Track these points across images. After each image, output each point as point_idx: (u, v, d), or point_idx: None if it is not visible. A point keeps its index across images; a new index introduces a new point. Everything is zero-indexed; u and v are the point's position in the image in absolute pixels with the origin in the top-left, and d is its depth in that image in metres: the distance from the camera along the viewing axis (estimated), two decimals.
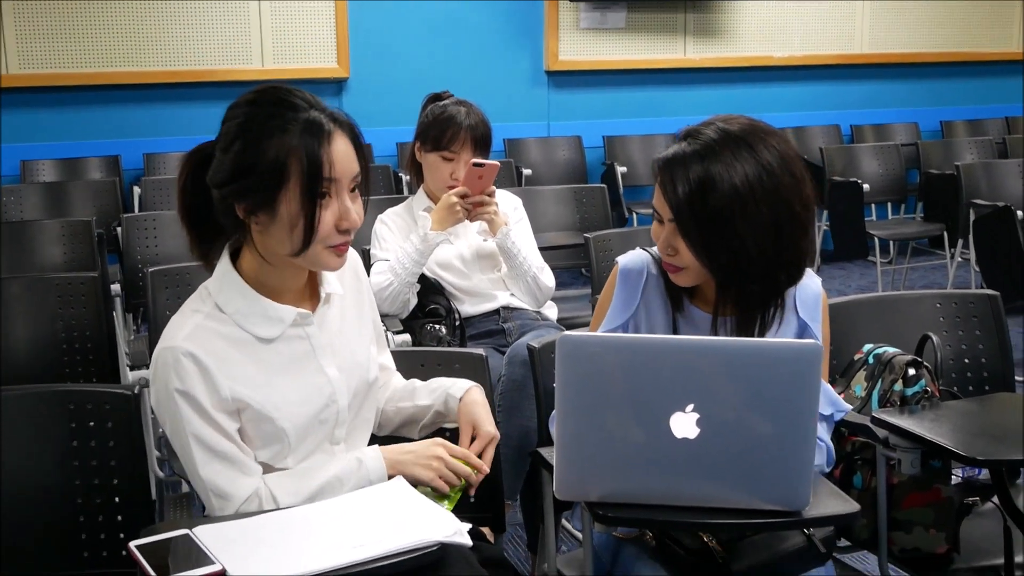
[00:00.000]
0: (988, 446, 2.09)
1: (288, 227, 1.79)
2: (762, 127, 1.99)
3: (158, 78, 6.36)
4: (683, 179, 1.94)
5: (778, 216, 1.91)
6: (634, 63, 7.44)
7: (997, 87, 8.49)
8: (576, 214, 4.54)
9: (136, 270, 4.02)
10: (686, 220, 1.94)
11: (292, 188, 1.76)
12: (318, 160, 1.77)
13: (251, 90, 1.85)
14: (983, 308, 2.60)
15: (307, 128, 1.78)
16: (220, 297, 1.86)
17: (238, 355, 1.83)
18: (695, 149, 1.95)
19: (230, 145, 1.79)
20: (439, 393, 2.09)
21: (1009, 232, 4.92)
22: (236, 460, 1.81)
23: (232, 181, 1.79)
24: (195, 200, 1.87)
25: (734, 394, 1.66)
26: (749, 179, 1.91)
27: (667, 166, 1.97)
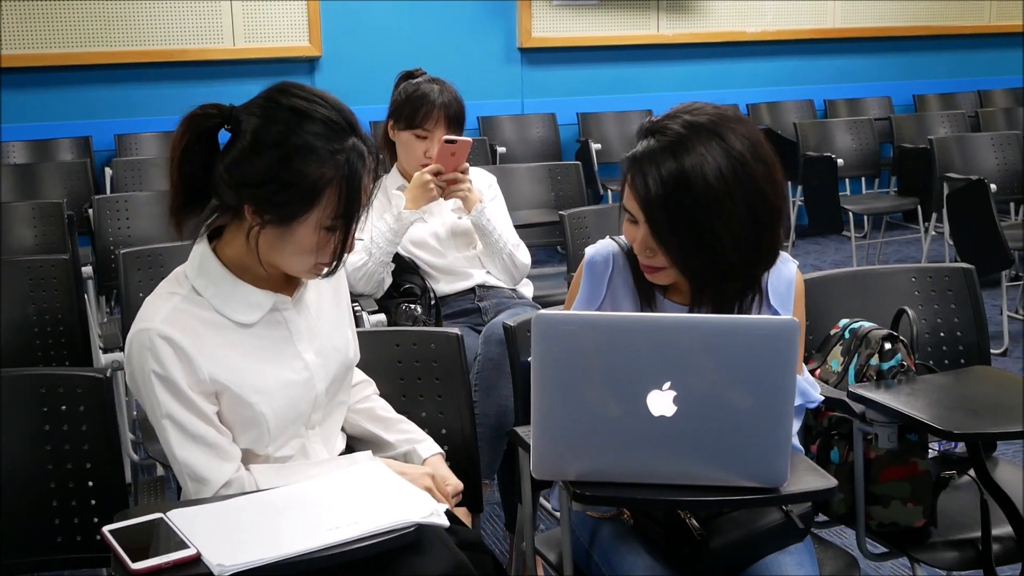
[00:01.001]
0: (964, 419, 2.09)
1: (303, 246, 1.79)
2: (729, 115, 1.94)
3: (129, 58, 6.29)
4: (655, 178, 1.88)
5: (755, 208, 1.88)
6: (608, 39, 7.42)
7: (969, 60, 8.52)
8: (551, 191, 4.53)
9: (108, 252, 3.98)
10: (660, 222, 1.90)
11: (323, 214, 1.76)
12: (357, 194, 1.78)
13: (277, 88, 1.82)
14: (958, 281, 2.61)
15: (352, 160, 1.77)
16: (198, 281, 1.84)
17: (216, 339, 1.82)
18: (664, 144, 1.89)
19: (263, 149, 1.75)
20: (405, 444, 2.09)
21: (982, 205, 4.94)
22: (214, 444, 1.80)
23: (256, 186, 1.76)
24: (190, 168, 1.82)
25: (711, 371, 1.66)
26: (723, 172, 1.86)
27: (636, 164, 1.91)
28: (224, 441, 1.82)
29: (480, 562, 1.85)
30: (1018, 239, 5.21)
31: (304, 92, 1.80)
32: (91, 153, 6.12)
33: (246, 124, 1.78)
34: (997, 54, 8.57)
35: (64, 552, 2.05)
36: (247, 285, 1.85)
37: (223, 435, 1.82)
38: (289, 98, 1.79)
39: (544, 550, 2.20)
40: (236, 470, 1.82)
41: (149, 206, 4.09)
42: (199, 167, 1.81)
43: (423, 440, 2.09)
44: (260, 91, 1.84)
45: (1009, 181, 5.80)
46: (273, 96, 1.80)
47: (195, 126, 1.81)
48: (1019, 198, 6.04)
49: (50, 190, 5.21)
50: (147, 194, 4.30)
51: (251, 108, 1.80)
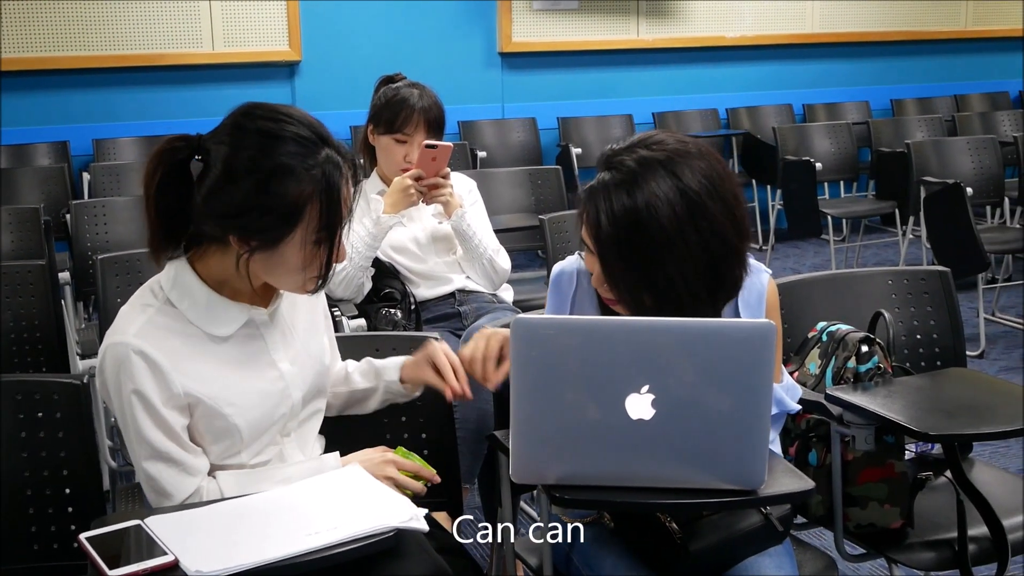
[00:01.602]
0: (940, 421, 2.11)
1: (294, 265, 1.78)
2: (689, 150, 1.88)
3: (107, 62, 6.28)
4: (607, 213, 1.85)
5: (711, 248, 1.85)
6: (588, 44, 7.44)
7: (946, 65, 8.58)
8: (531, 196, 4.53)
9: (86, 257, 3.96)
10: (612, 258, 1.88)
11: (307, 232, 1.75)
12: (337, 207, 1.76)
13: (241, 111, 1.79)
14: (934, 284, 2.62)
15: (328, 173, 1.75)
16: (173, 293, 1.83)
17: (190, 351, 1.81)
18: (618, 180, 1.85)
19: (237, 177, 1.73)
20: (372, 380, 2.10)
21: (959, 209, 4.97)
22: (180, 460, 1.80)
23: (237, 216, 1.74)
24: (166, 203, 1.80)
25: (688, 374, 1.66)
26: (677, 212, 1.81)
27: (591, 198, 1.89)
28: (189, 458, 1.81)
29: (459, 566, 1.85)
30: (994, 242, 5.25)
31: (270, 112, 1.78)
32: (69, 158, 6.09)
33: (216, 153, 1.75)
34: (973, 59, 8.64)
35: (41, 560, 2.03)
36: (223, 299, 1.84)
37: (190, 452, 1.82)
38: (255, 121, 1.76)
39: (524, 554, 2.19)
40: (199, 483, 1.82)
41: (127, 211, 4.08)
42: (175, 200, 1.80)
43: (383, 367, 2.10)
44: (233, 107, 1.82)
45: (985, 185, 5.85)
46: (239, 121, 1.78)
47: (165, 160, 1.79)
48: (995, 201, 6.09)
49: (27, 195, 5.18)
50: (125, 199, 4.28)
51: (218, 136, 1.78)
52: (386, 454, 1.94)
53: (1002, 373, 4.81)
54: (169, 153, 1.79)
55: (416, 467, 1.93)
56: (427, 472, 1.94)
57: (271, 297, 1.92)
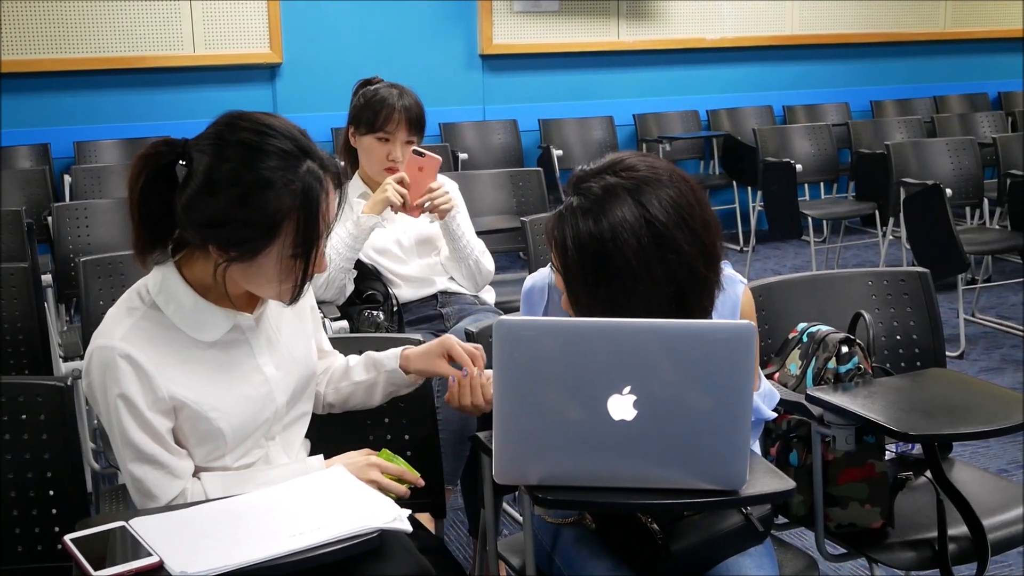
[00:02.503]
0: (920, 421, 2.12)
1: (269, 277, 1.78)
2: (658, 176, 1.83)
3: (88, 64, 6.26)
4: (574, 240, 1.82)
5: (679, 280, 1.82)
6: (568, 46, 7.45)
7: (925, 67, 8.63)
8: (513, 198, 4.54)
9: (68, 260, 3.95)
10: (577, 285, 1.85)
11: (282, 245, 1.75)
12: (315, 222, 1.76)
13: (225, 120, 1.79)
14: (914, 285, 2.64)
15: (307, 187, 1.74)
16: (159, 297, 1.83)
17: (175, 355, 1.81)
18: (585, 207, 1.83)
19: (218, 189, 1.73)
20: (372, 371, 2.11)
21: (938, 210, 5.00)
22: (165, 463, 1.81)
23: (216, 226, 1.74)
24: (149, 208, 1.81)
25: (670, 375, 1.67)
26: (641, 244, 1.78)
27: (558, 222, 1.87)
28: (174, 460, 1.82)
29: (443, 567, 1.85)
30: (974, 243, 5.28)
31: (254, 123, 1.78)
32: (50, 160, 6.07)
33: (198, 163, 1.75)
34: (952, 61, 8.69)
35: (25, 562, 2.02)
36: (209, 304, 1.84)
37: (175, 454, 1.82)
38: (238, 133, 1.76)
39: (507, 555, 2.20)
40: (184, 484, 1.83)
41: (109, 214, 4.06)
42: (158, 204, 1.80)
43: (383, 359, 2.11)
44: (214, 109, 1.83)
45: (964, 186, 5.90)
46: (222, 132, 1.77)
47: (149, 165, 1.79)
48: (974, 203, 6.13)
49: (8, 198, 5.15)
50: (107, 202, 4.26)
51: (202, 144, 1.77)
52: (370, 457, 1.95)
53: (982, 374, 4.84)
54: (154, 157, 1.79)
55: (400, 470, 1.94)
56: (411, 475, 1.95)
57: (257, 302, 1.92)
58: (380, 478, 1.90)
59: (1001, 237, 5.59)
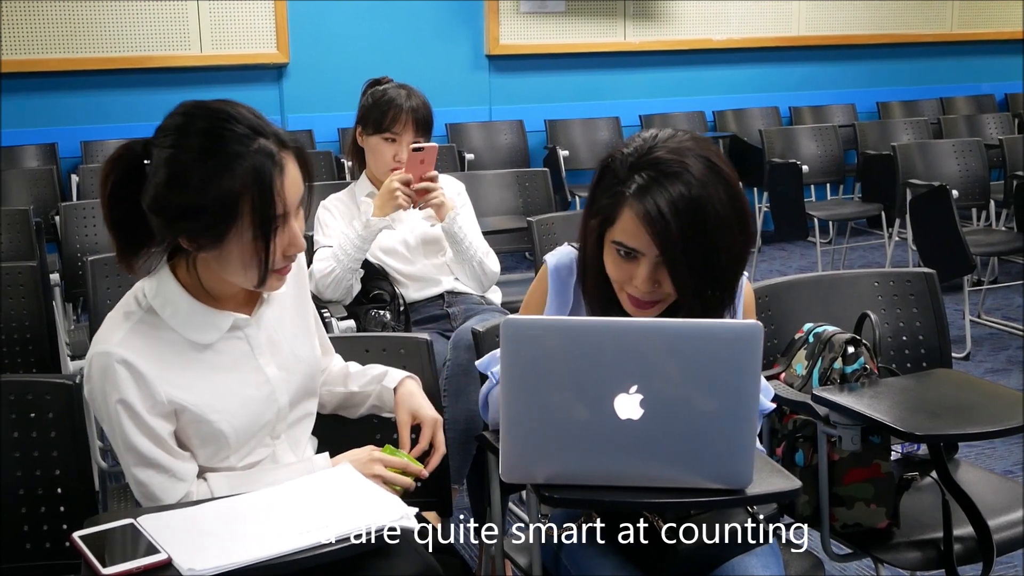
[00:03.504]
0: (926, 422, 2.12)
1: (238, 263, 1.76)
2: (699, 137, 1.94)
3: (95, 64, 6.27)
4: (670, 209, 1.82)
5: (747, 236, 1.90)
6: (575, 47, 7.45)
7: (931, 68, 8.62)
8: (519, 198, 4.54)
9: (75, 259, 3.97)
10: (678, 255, 1.85)
11: (242, 227, 1.72)
12: (270, 199, 1.72)
13: (182, 111, 1.77)
14: (920, 286, 2.64)
15: (257, 165, 1.71)
16: (156, 301, 1.83)
17: (174, 358, 1.81)
18: (667, 174, 1.85)
19: (173, 179, 1.72)
20: (373, 384, 2.10)
21: (945, 211, 4.99)
22: (168, 467, 1.81)
23: (178, 217, 1.73)
24: (122, 210, 1.80)
25: (676, 374, 1.67)
26: (723, 197, 1.85)
27: (644, 197, 1.85)
28: (177, 463, 1.82)
29: (449, 565, 1.86)
30: (980, 244, 5.28)
31: (205, 110, 1.76)
32: (57, 160, 6.08)
33: (156, 157, 1.74)
34: (959, 62, 8.68)
35: (34, 559, 2.03)
36: (205, 307, 1.84)
37: (178, 457, 1.82)
38: (192, 121, 1.75)
39: (513, 554, 2.20)
40: (189, 487, 1.83)
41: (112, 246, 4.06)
42: (131, 207, 1.78)
43: (387, 374, 2.10)
44: None
45: (970, 187, 5.89)
46: (177, 122, 1.76)
47: (117, 167, 1.79)
48: (980, 204, 6.12)
49: (16, 197, 5.17)
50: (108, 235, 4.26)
51: (158, 139, 1.76)
52: (372, 452, 1.95)
53: (988, 375, 4.83)
54: (120, 160, 1.79)
55: (403, 463, 1.94)
56: (414, 467, 1.95)
57: (255, 302, 1.92)
58: (384, 472, 1.91)
59: (1007, 238, 5.58)
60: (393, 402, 2.07)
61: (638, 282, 1.91)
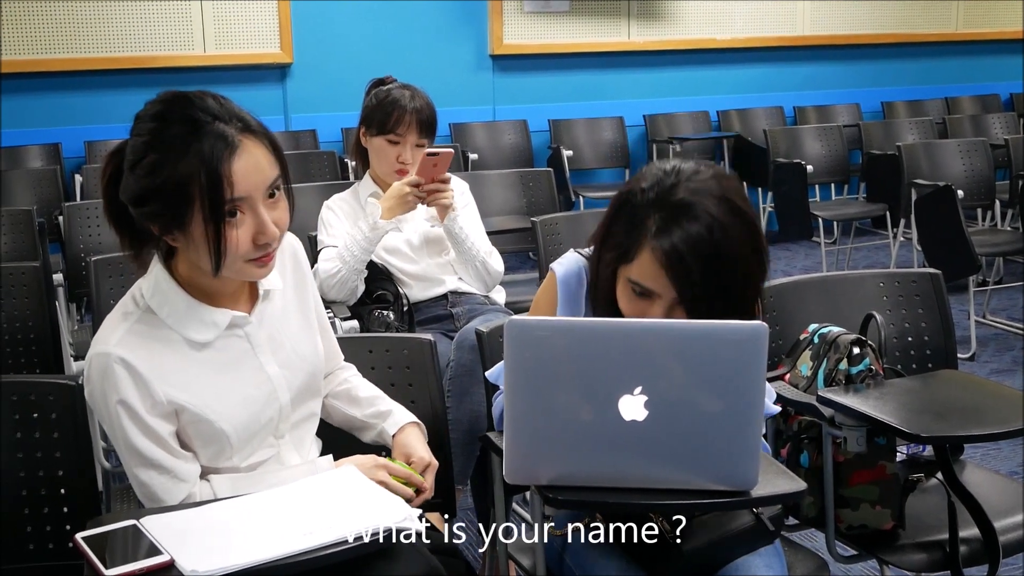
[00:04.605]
0: (932, 423, 2.11)
1: (203, 248, 1.74)
2: (729, 180, 1.92)
3: (99, 64, 6.27)
4: (692, 255, 1.83)
5: (764, 272, 1.92)
6: (578, 47, 7.45)
7: (937, 68, 8.61)
8: (523, 198, 4.54)
9: (79, 259, 3.97)
10: (698, 297, 1.86)
11: (199, 212, 1.70)
12: (218, 182, 1.69)
13: (157, 99, 1.77)
14: (925, 287, 2.64)
15: (207, 148, 1.69)
16: (153, 300, 1.82)
17: (172, 358, 1.80)
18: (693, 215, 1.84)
19: (134, 165, 1.72)
20: (376, 420, 2.09)
21: (950, 211, 4.99)
22: (170, 468, 1.80)
23: (139, 204, 1.73)
24: (118, 205, 1.80)
25: (681, 376, 1.66)
26: (743, 242, 1.86)
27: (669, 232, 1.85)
28: (179, 464, 1.81)
29: (453, 567, 1.85)
30: (985, 244, 5.27)
31: (166, 96, 1.76)
32: (61, 160, 6.09)
33: (128, 148, 1.75)
34: (964, 61, 8.67)
35: (36, 560, 2.02)
36: (202, 305, 1.83)
37: (179, 458, 1.82)
38: (153, 106, 1.75)
39: (517, 555, 2.20)
40: (191, 488, 1.83)
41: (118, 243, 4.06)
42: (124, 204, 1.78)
43: (390, 414, 2.08)
44: None
45: (976, 187, 5.88)
46: (145, 111, 1.76)
47: (114, 160, 1.79)
48: (986, 204, 6.11)
49: (20, 197, 5.17)
50: None
51: (133, 130, 1.76)
52: (378, 459, 1.94)
53: (993, 375, 4.82)
54: (117, 155, 1.79)
55: (408, 474, 1.94)
56: (418, 479, 1.94)
57: (255, 300, 1.91)
58: (388, 479, 1.90)
59: (1013, 239, 5.57)
60: (390, 442, 2.06)
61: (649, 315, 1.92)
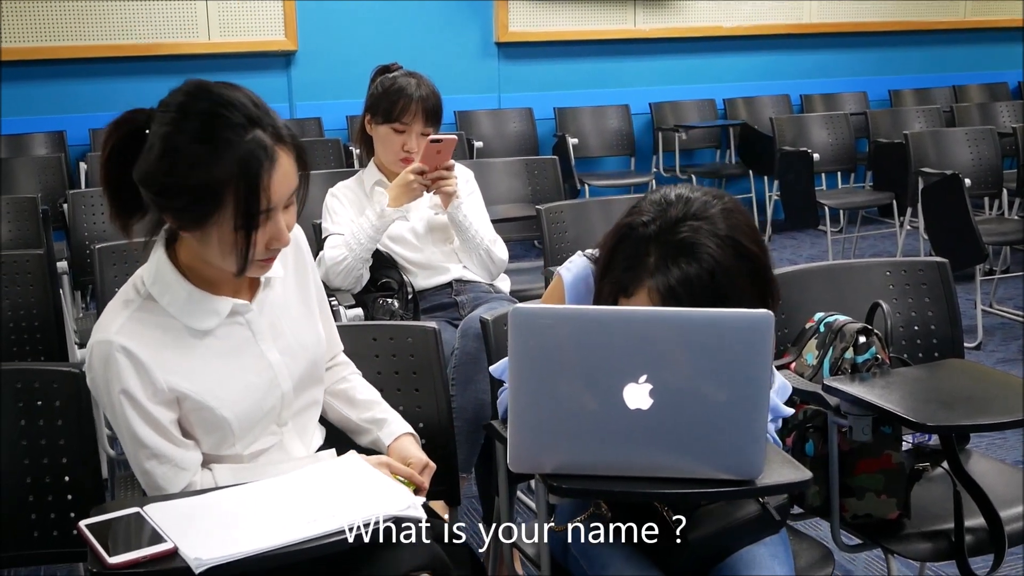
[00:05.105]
0: (938, 412, 2.11)
1: (217, 248, 1.75)
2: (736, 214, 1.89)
3: (103, 52, 6.26)
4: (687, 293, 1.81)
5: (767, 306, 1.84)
6: (584, 34, 7.42)
7: (944, 56, 8.57)
8: (528, 186, 4.53)
9: (83, 247, 3.97)
10: None
11: (224, 216, 1.70)
12: (256, 192, 1.70)
13: (185, 89, 1.75)
14: (932, 275, 2.63)
15: (247, 156, 1.69)
16: (154, 288, 1.82)
17: (173, 345, 1.80)
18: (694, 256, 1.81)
19: (160, 157, 1.70)
20: (372, 427, 2.07)
21: (957, 200, 4.97)
22: (170, 457, 1.80)
23: (163, 195, 1.73)
24: (120, 174, 1.78)
25: (686, 364, 1.66)
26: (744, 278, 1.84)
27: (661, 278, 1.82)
28: (180, 452, 1.81)
29: (457, 555, 1.85)
30: (992, 233, 5.25)
31: (208, 94, 1.74)
32: (65, 148, 6.08)
33: (154, 132, 1.73)
34: (972, 49, 8.63)
35: (40, 547, 2.03)
36: (204, 292, 1.83)
37: (180, 446, 1.82)
38: (195, 102, 1.73)
39: (522, 543, 2.20)
40: (192, 476, 1.83)
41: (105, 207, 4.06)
42: (127, 173, 1.77)
43: (386, 423, 2.06)
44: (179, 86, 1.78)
45: (983, 176, 5.84)
46: (180, 102, 1.74)
47: (119, 131, 1.78)
48: (993, 193, 6.08)
49: (24, 185, 5.17)
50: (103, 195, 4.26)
51: (160, 113, 1.74)
52: (381, 458, 1.94)
53: (999, 365, 4.81)
54: (124, 124, 1.78)
55: (409, 473, 1.93)
56: (418, 479, 1.93)
57: (256, 287, 1.91)
58: (388, 476, 1.90)
59: (1020, 227, 5.54)
60: (386, 449, 2.04)
61: None
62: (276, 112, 1.79)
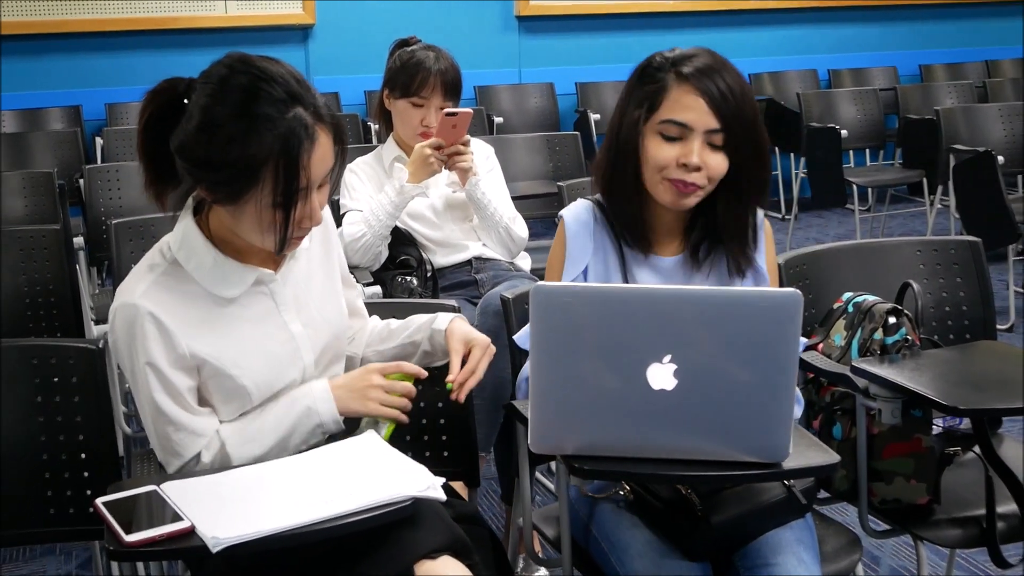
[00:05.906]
0: (969, 395, 2.07)
1: (253, 223, 1.74)
2: None
3: (119, 25, 6.25)
4: (726, 88, 1.97)
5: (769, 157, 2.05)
6: (607, 8, 7.38)
7: (977, 29, 8.47)
8: (549, 162, 4.49)
9: (99, 222, 3.97)
10: (737, 130, 1.97)
11: (262, 192, 1.69)
12: (296, 171, 1.69)
13: (228, 63, 1.74)
14: (964, 255, 2.58)
15: (288, 134, 1.68)
16: (180, 253, 1.81)
17: (196, 312, 1.80)
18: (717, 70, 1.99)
19: (199, 130, 1.69)
20: (422, 332, 2.05)
21: (990, 178, 4.90)
22: (186, 424, 1.80)
23: (199, 167, 1.72)
24: (156, 144, 1.78)
25: (712, 344, 1.63)
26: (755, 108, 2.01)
27: (703, 75, 1.98)
28: (196, 420, 1.81)
29: (477, 536, 1.83)
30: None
31: (251, 67, 1.72)
32: (81, 122, 6.09)
33: (194, 103, 1.72)
34: (1005, 23, 8.51)
35: (57, 524, 2.04)
36: (230, 260, 1.82)
37: (197, 415, 1.81)
38: (236, 76, 1.71)
39: (541, 525, 2.18)
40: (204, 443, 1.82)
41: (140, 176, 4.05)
42: (163, 142, 1.76)
43: (433, 319, 2.05)
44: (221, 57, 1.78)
45: (1017, 153, 5.74)
46: (222, 74, 1.72)
47: (157, 100, 1.77)
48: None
49: (40, 160, 5.18)
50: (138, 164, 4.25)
51: (200, 84, 1.74)
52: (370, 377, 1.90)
53: None
54: (163, 93, 1.77)
55: (406, 387, 1.90)
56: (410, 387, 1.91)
57: (281, 261, 1.90)
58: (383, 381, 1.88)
59: None
60: (444, 341, 2.01)
61: (689, 156, 1.96)
62: (316, 89, 1.78)
